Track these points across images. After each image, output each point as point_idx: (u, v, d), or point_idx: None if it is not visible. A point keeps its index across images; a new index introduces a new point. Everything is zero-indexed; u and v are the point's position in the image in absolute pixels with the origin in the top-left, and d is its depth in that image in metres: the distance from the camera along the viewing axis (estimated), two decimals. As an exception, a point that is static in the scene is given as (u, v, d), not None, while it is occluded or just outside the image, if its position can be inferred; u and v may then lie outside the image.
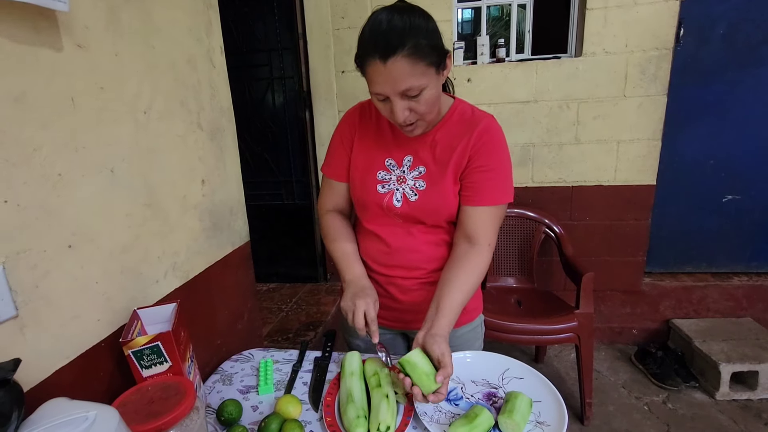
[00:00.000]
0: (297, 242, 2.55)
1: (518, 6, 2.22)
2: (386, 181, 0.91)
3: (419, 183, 0.89)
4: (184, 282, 0.95)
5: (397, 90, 0.74)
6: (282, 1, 2.21)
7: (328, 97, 2.33)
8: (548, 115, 2.16)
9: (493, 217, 0.89)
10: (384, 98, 0.78)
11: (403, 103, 0.77)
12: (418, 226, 0.93)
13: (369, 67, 0.75)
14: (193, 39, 0.98)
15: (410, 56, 0.71)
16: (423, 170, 0.90)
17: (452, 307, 0.82)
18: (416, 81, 0.74)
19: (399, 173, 0.91)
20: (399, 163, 0.91)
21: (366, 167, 0.93)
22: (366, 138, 0.94)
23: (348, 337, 1.13)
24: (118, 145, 0.76)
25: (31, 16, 0.59)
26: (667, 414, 1.91)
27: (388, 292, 0.98)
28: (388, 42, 0.71)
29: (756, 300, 2.25)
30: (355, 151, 0.95)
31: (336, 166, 0.98)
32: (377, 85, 0.76)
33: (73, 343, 0.67)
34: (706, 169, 2.21)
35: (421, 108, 0.78)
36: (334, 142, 0.98)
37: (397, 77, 0.73)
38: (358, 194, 0.95)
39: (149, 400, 0.63)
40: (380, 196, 0.91)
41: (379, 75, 0.74)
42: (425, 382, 0.72)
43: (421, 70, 0.73)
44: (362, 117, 0.96)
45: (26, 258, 0.59)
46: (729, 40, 2.04)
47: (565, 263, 2.09)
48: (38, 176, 0.61)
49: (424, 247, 0.94)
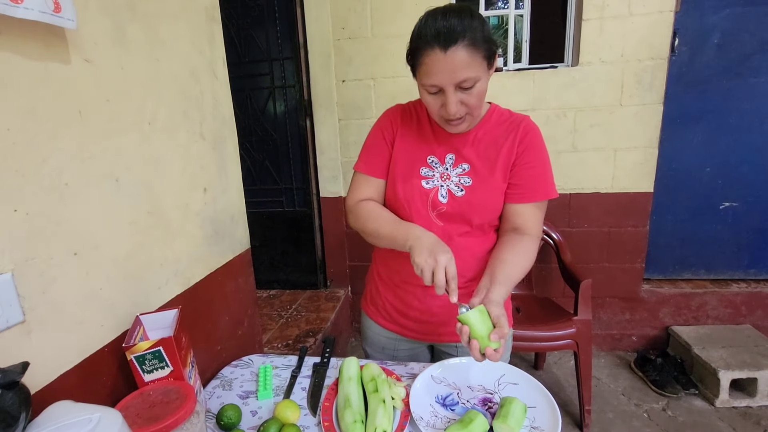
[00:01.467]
0: (297, 249, 2.56)
1: (516, 16, 2.25)
2: (430, 178, 0.92)
3: (465, 179, 0.90)
4: (186, 288, 0.97)
5: (456, 80, 0.77)
6: (283, 12, 2.26)
7: (329, 106, 2.36)
8: (546, 123, 2.18)
9: (541, 211, 0.92)
10: (437, 90, 0.80)
11: (457, 96, 0.79)
12: (459, 230, 0.92)
13: (427, 58, 0.77)
14: (196, 52, 1.01)
15: (469, 46, 0.75)
16: (467, 167, 0.91)
17: (507, 278, 0.80)
18: (473, 72, 0.77)
19: (442, 170, 0.92)
20: (441, 160, 0.92)
21: (409, 163, 0.93)
22: (408, 135, 0.95)
23: (367, 348, 1.12)
24: (123, 155, 0.78)
25: (41, 34, 0.62)
26: (666, 421, 1.91)
27: (424, 307, 0.97)
28: (450, 32, 0.74)
29: (755, 307, 2.25)
30: (397, 148, 0.95)
31: (375, 162, 0.96)
32: (435, 75, 0.78)
33: (77, 347, 0.69)
34: (703, 176, 2.23)
35: (472, 101, 0.80)
36: (374, 138, 0.97)
37: (457, 67, 0.76)
38: (400, 191, 0.92)
39: (151, 404, 0.65)
40: (426, 191, 0.91)
41: (438, 64, 0.76)
42: (483, 340, 0.73)
43: (478, 62, 0.77)
44: (404, 115, 0.97)
45: (34, 265, 0.61)
46: (723, 49, 2.07)
47: (564, 270, 2.10)
48: (46, 186, 0.63)
49: (464, 254, 0.92)
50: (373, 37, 2.21)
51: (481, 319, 0.74)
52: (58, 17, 0.59)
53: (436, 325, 0.99)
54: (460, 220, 0.92)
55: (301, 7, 2.26)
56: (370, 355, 1.12)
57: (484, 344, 0.73)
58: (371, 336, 1.10)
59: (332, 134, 2.40)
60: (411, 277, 0.96)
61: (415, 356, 1.07)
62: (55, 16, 0.59)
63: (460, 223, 0.92)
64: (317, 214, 2.53)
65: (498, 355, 0.73)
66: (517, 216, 0.91)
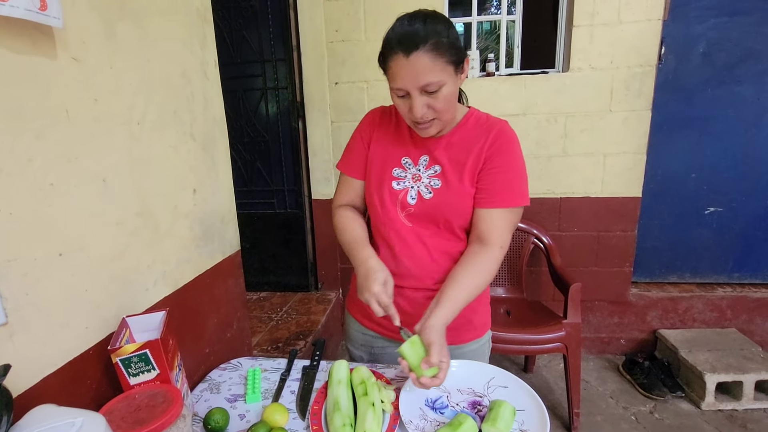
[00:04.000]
0: (288, 251, 2.55)
1: (508, 21, 2.28)
2: (401, 179, 0.93)
3: (435, 181, 0.91)
4: (174, 290, 0.96)
5: (418, 84, 0.78)
6: (276, 14, 2.25)
7: (321, 107, 2.36)
8: (537, 128, 2.20)
9: (506, 219, 0.89)
10: (404, 94, 0.81)
11: (422, 99, 0.80)
12: (429, 231, 0.93)
13: (392, 62, 0.80)
14: (187, 52, 1.01)
15: (431, 52, 0.76)
16: (438, 169, 0.91)
17: (453, 300, 0.82)
18: (436, 77, 0.78)
19: (414, 171, 0.93)
20: (415, 161, 0.93)
21: (383, 163, 0.95)
22: (385, 136, 0.97)
23: (350, 347, 1.13)
24: (111, 156, 0.77)
25: (28, 31, 0.61)
26: (654, 424, 1.93)
27: (396, 304, 0.97)
28: (411, 38, 0.76)
29: (740, 311, 2.29)
30: (373, 148, 0.97)
31: (353, 163, 1.00)
32: (399, 79, 0.79)
33: (61, 350, 0.67)
34: (689, 182, 2.27)
35: (438, 105, 0.81)
36: (354, 139, 1.01)
37: (419, 71, 0.77)
38: (375, 191, 0.95)
39: (136, 408, 0.64)
40: (395, 192, 0.93)
41: (401, 69, 0.78)
42: (418, 369, 0.76)
43: (441, 67, 0.78)
44: (383, 117, 0.99)
45: (17, 266, 0.60)
46: (709, 58, 2.12)
47: (554, 273, 2.12)
48: (31, 186, 0.62)
49: (436, 255, 0.93)
50: (366, 40, 2.22)
51: (414, 350, 0.77)
52: (43, 15, 0.59)
53: (409, 325, 1.00)
54: (428, 222, 0.93)
55: (294, 9, 2.26)
56: (351, 353, 1.13)
57: (420, 374, 0.75)
58: (352, 333, 1.11)
59: (325, 136, 2.40)
60: None
61: (393, 355, 1.06)
62: (40, 14, 0.58)
63: (428, 224, 0.93)
64: (309, 216, 2.52)
65: (437, 381, 0.75)
66: (481, 221, 0.90)
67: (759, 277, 2.35)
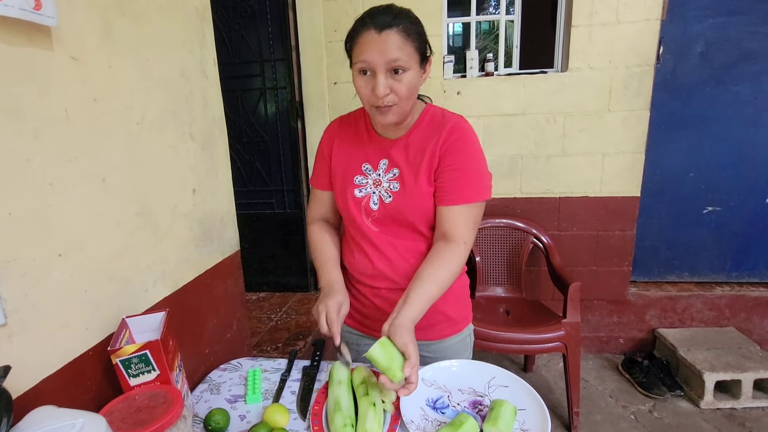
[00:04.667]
0: (287, 251, 2.55)
1: (507, 21, 2.28)
2: (363, 185, 0.94)
3: (393, 185, 0.91)
4: (174, 291, 0.95)
5: (387, 57, 0.78)
6: (275, 14, 2.25)
7: (320, 107, 2.35)
8: (536, 128, 2.21)
9: (468, 215, 0.89)
10: (368, 70, 0.81)
11: (387, 79, 0.80)
12: (398, 233, 0.94)
13: (361, 38, 0.80)
14: (186, 51, 1.00)
15: (403, 33, 0.79)
16: (397, 172, 0.92)
17: (420, 297, 0.82)
18: (404, 56, 0.79)
19: (375, 177, 0.93)
20: (375, 166, 0.94)
21: (344, 173, 0.96)
22: (344, 145, 0.98)
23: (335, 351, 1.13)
24: (110, 155, 0.77)
25: (26, 30, 0.60)
26: (653, 423, 1.93)
27: (374, 305, 0.99)
28: (384, 17, 0.79)
29: (738, 310, 2.30)
30: (334, 159, 0.98)
31: (319, 176, 1.02)
32: (367, 52, 0.79)
33: (61, 351, 0.67)
34: (687, 181, 2.27)
35: (401, 89, 0.81)
36: (318, 153, 1.03)
37: (389, 47, 0.78)
38: (340, 201, 0.97)
39: (136, 409, 0.63)
40: (358, 200, 0.94)
41: (371, 43, 0.79)
42: (392, 373, 0.73)
43: (409, 50, 0.80)
44: (341, 126, 1.00)
45: (16, 267, 0.60)
46: (707, 58, 2.12)
47: (553, 273, 2.12)
48: (30, 186, 0.62)
49: (407, 256, 0.95)
50: (365, 40, 2.21)
51: (384, 352, 0.75)
52: (38, 15, 0.58)
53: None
54: (393, 225, 0.93)
55: (293, 9, 2.26)
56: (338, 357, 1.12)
57: (394, 376, 0.73)
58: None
59: (323, 136, 2.39)
60: (361, 276, 0.99)
61: None
62: (35, 14, 0.58)
63: (394, 227, 0.94)
64: (308, 216, 2.52)
65: (413, 387, 0.74)
66: (443, 219, 0.90)
67: (757, 276, 2.36)
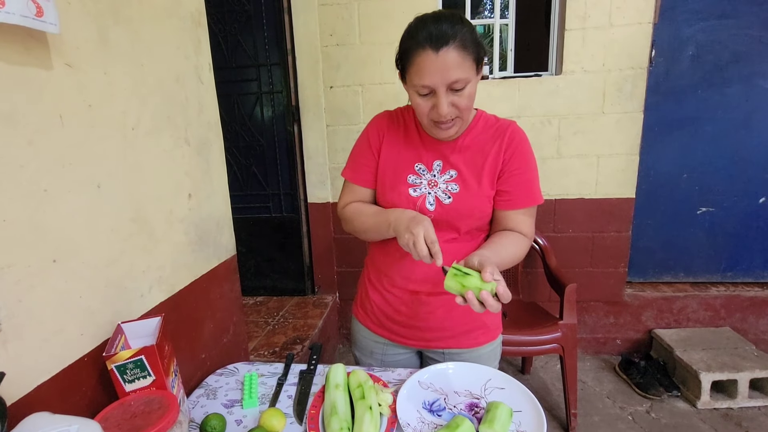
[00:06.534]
0: (284, 255, 2.54)
1: (501, 25, 2.30)
2: (417, 185, 0.92)
3: (452, 186, 0.91)
4: (170, 296, 0.95)
5: (447, 80, 0.78)
6: (271, 18, 2.26)
7: (317, 111, 2.36)
8: (531, 130, 2.22)
9: (531, 216, 0.93)
10: (428, 92, 0.81)
11: (448, 97, 0.80)
12: (446, 236, 0.92)
13: (418, 58, 0.78)
14: (181, 57, 1.01)
15: (460, 48, 0.76)
16: (455, 174, 0.91)
17: (496, 252, 0.81)
18: (464, 73, 0.78)
19: (429, 177, 0.92)
20: (429, 167, 0.92)
21: (396, 171, 0.94)
22: (395, 143, 0.95)
23: (357, 353, 1.12)
24: (105, 161, 0.77)
25: (21, 37, 0.61)
26: (650, 423, 1.93)
27: (412, 310, 0.97)
28: (441, 33, 0.76)
29: (733, 310, 2.32)
30: (384, 156, 0.95)
31: (362, 172, 0.98)
32: (426, 76, 0.78)
33: (55, 357, 0.67)
34: (681, 182, 2.30)
35: (463, 103, 0.81)
36: (361, 146, 0.98)
37: (449, 67, 0.77)
38: (389, 199, 0.94)
39: (132, 414, 0.63)
40: (413, 199, 0.91)
41: (430, 65, 0.77)
42: (470, 287, 0.70)
43: (468, 64, 0.78)
44: (391, 122, 0.97)
45: (10, 273, 0.60)
46: (698, 60, 2.15)
47: (549, 275, 2.13)
48: (24, 192, 0.62)
49: (452, 259, 0.92)
50: (361, 44, 2.23)
51: (456, 280, 0.72)
52: (40, 21, 0.58)
53: (423, 330, 0.99)
54: (447, 227, 0.92)
55: (288, 14, 2.27)
56: (359, 359, 1.12)
57: (476, 289, 0.69)
58: (361, 340, 1.10)
59: (320, 140, 2.40)
60: (399, 281, 0.97)
61: (403, 362, 1.07)
62: (37, 21, 0.58)
63: (447, 230, 0.92)
64: (305, 219, 2.52)
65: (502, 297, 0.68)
66: (507, 221, 0.93)
67: (751, 276, 2.37)
